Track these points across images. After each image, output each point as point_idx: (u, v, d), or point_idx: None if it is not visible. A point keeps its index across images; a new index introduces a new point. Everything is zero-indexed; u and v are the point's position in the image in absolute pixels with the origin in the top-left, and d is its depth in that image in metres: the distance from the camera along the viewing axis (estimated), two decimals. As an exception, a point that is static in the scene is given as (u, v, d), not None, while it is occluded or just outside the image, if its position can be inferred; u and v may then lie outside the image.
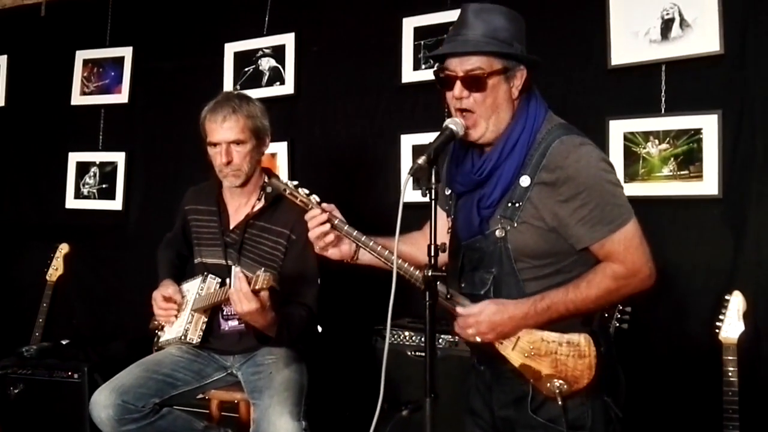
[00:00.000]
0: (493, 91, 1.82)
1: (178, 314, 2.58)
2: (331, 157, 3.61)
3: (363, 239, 1.99)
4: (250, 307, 2.20)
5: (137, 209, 4.10)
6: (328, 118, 3.63)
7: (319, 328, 3.32)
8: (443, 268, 1.73)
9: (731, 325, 2.56)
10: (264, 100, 3.61)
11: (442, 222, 2.07)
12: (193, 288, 2.61)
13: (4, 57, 4.42)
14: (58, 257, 3.95)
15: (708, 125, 2.83)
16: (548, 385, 1.80)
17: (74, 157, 4.20)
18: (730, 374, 2.52)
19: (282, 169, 3.62)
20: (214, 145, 2.56)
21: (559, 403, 1.78)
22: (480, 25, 1.82)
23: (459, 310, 1.86)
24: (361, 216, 2.20)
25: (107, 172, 4.12)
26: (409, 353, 2.89)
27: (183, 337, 2.51)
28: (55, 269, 3.93)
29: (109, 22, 4.18)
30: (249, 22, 3.80)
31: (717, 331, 2.57)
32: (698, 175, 2.84)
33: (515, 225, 1.81)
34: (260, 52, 3.73)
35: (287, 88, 3.65)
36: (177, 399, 2.56)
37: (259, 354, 2.60)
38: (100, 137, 4.16)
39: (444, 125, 1.83)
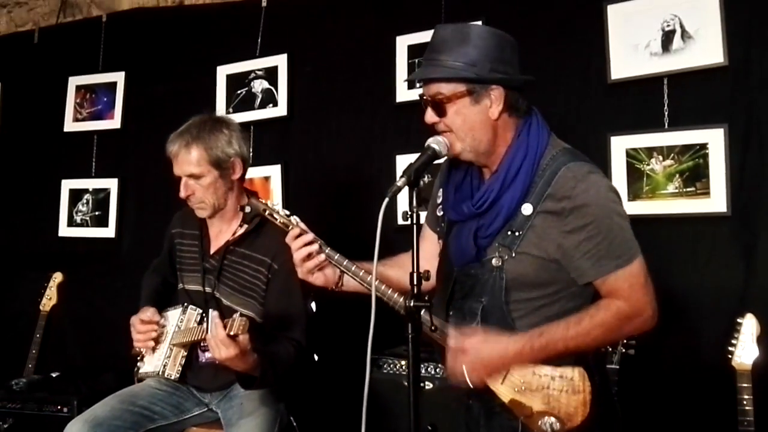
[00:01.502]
0: (458, 114, 1.74)
1: (158, 345, 2.46)
2: (325, 178, 3.52)
3: (345, 263, 1.88)
4: (228, 354, 2.06)
5: (130, 236, 4.01)
6: (322, 139, 3.54)
7: (315, 357, 3.19)
8: (426, 297, 1.62)
9: (745, 350, 2.41)
10: (257, 123, 3.61)
11: (433, 244, 1.97)
12: (173, 319, 2.49)
13: (-2, 84, 4.38)
14: (51, 286, 3.85)
15: (714, 139, 2.71)
16: (539, 423, 1.67)
17: (67, 184, 4.14)
18: (745, 403, 2.36)
19: (276, 192, 3.53)
20: (178, 177, 2.47)
21: (551, 442, 1.65)
22: (446, 48, 1.74)
23: (450, 342, 1.74)
24: (357, 238, 2.10)
25: (100, 198, 4.05)
26: (405, 383, 2.76)
27: (161, 372, 2.40)
28: (49, 299, 3.84)
29: (101, 47, 4.13)
30: (241, 44, 3.74)
31: (729, 356, 2.42)
32: (705, 192, 2.72)
33: (513, 255, 1.71)
34: (253, 74, 3.65)
35: (280, 110, 3.57)
36: None
37: (235, 389, 2.48)
38: (93, 163, 4.09)
39: (426, 144, 1.74)
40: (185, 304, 2.49)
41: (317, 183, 3.54)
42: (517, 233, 1.71)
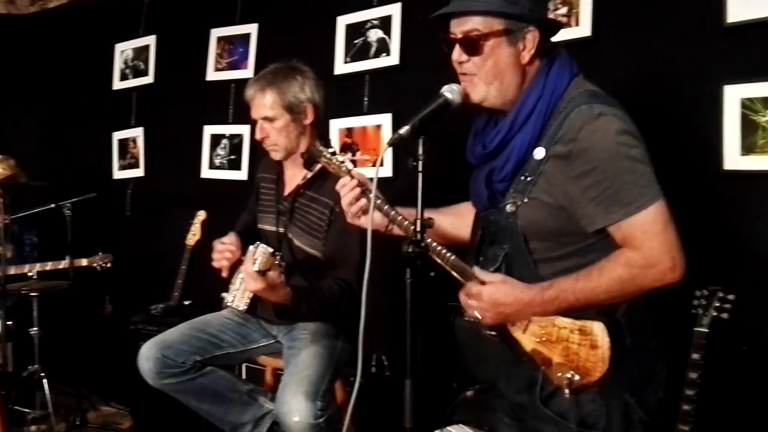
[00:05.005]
0: (492, 54, 1.69)
1: (234, 278, 2.65)
2: (433, 128, 3.52)
3: (385, 208, 1.95)
4: (257, 286, 2.24)
5: (259, 179, 4.27)
6: (431, 89, 3.50)
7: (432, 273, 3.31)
8: (423, 244, 1.66)
9: None
10: (371, 72, 3.69)
11: None
12: (249, 254, 2.67)
13: (153, 37, 4.77)
14: (196, 223, 4.19)
15: (841, 89, 2.43)
16: (558, 374, 1.67)
17: (208, 130, 4.47)
18: None
19: (386, 140, 3.59)
20: (254, 121, 2.63)
21: (567, 395, 1.64)
22: None
23: (476, 270, 1.76)
24: (460, 185, 2.16)
25: (235, 144, 4.34)
26: (484, 331, 2.78)
27: (230, 303, 2.60)
28: (194, 234, 4.19)
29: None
30: (361, -8, 3.79)
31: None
32: (827, 148, 2.46)
33: (525, 200, 1.69)
34: (369, 24, 3.71)
35: (392, 59, 3.61)
36: (221, 359, 2.68)
37: (298, 327, 2.64)
38: (230, 110, 4.37)
39: (440, 92, 1.74)
40: (257, 243, 2.67)
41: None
42: (529, 178, 1.68)
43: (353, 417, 2.73)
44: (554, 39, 1.82)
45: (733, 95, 2.66)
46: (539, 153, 1.67)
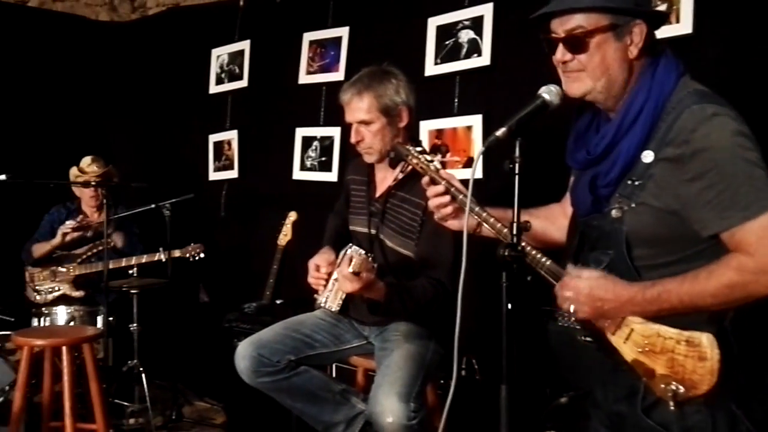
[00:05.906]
0: (599, 50, 1.65)
1: (328, 281, 2.70)
2: (525, 129, 3.48)
3: (477, 210, 1.92)
4: (353, 287, 2.28)
5: (348, 182, 4.31)
6: (523, 90, 3.46)
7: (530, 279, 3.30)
8: (519, 248, 1.63)
9: None
10: (461, 73, 3.67)
11: None
12: (341, 257, 2.71)
13: (247, 42, 4.88)
14: (287, 224, 4.28)
15: None
16: (662, 386, 1.61)
17: (300, 132, 4.54)
18: None
19: (477, 141, 3.58)
20: (349, 124, 2.64)
21: (672, 408, 1.58)
22: None
23: (570, 268, 1.71)
24: (550, 186, 2.13)
25: (326, 146, 4.40)
26: (579, 337, 2.73)
27: (323, 304, 2.64)
28: (285, 235, 4.27)
29: (331, 3, 4.41)
30: (451, -7, 3.78)
31: None
32: None
33: (633, 205, 1.64)
34: (460, 25, 3.69)
35: (483, 59, 3.57)
36: (314, 359, 2.72)
37: (390, 329, 2.65)
38: (321, 113, 4.43)
39: (537, 93, 1.71)
40: (350, 244, 2.71)
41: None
42: (637, 183, 1.63)
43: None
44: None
45: None
46: (648, 156, 1.62)
